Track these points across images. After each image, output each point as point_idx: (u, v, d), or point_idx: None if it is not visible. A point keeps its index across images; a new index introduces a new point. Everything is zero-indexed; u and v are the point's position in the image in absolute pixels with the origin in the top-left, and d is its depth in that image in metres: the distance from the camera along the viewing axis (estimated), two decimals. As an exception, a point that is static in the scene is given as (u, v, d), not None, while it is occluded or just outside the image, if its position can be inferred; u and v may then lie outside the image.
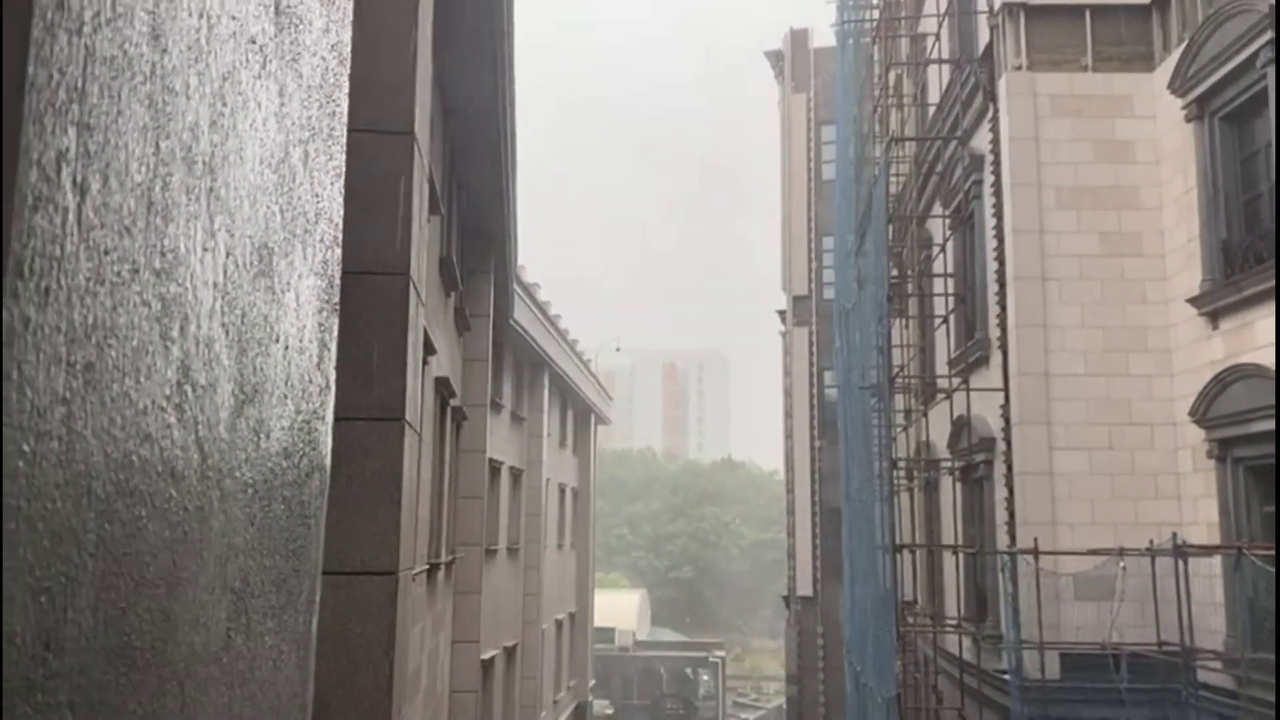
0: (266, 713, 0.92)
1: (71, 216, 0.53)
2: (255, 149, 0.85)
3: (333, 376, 1.23)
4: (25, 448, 0.48)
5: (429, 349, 8.76)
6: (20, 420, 0.48)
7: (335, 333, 1.22)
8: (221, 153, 0.76)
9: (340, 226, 1.21)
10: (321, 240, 1.11)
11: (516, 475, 21.50)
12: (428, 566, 10.14)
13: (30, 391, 0.49)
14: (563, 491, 27.90)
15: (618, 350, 45.59)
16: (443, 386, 10.97)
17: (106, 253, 0.57)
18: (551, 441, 25.29)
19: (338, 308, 1.21)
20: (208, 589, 0.77)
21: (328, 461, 1.19)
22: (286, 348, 0.97)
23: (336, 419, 5.47)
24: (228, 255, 0.80)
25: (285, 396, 0.98)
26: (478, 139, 11.52)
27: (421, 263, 6.25)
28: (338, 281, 1.21)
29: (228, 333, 0.81)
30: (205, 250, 0.74)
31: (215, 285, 0.78)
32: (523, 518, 22.05)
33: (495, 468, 18.30)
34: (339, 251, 1.22)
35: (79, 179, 0.53)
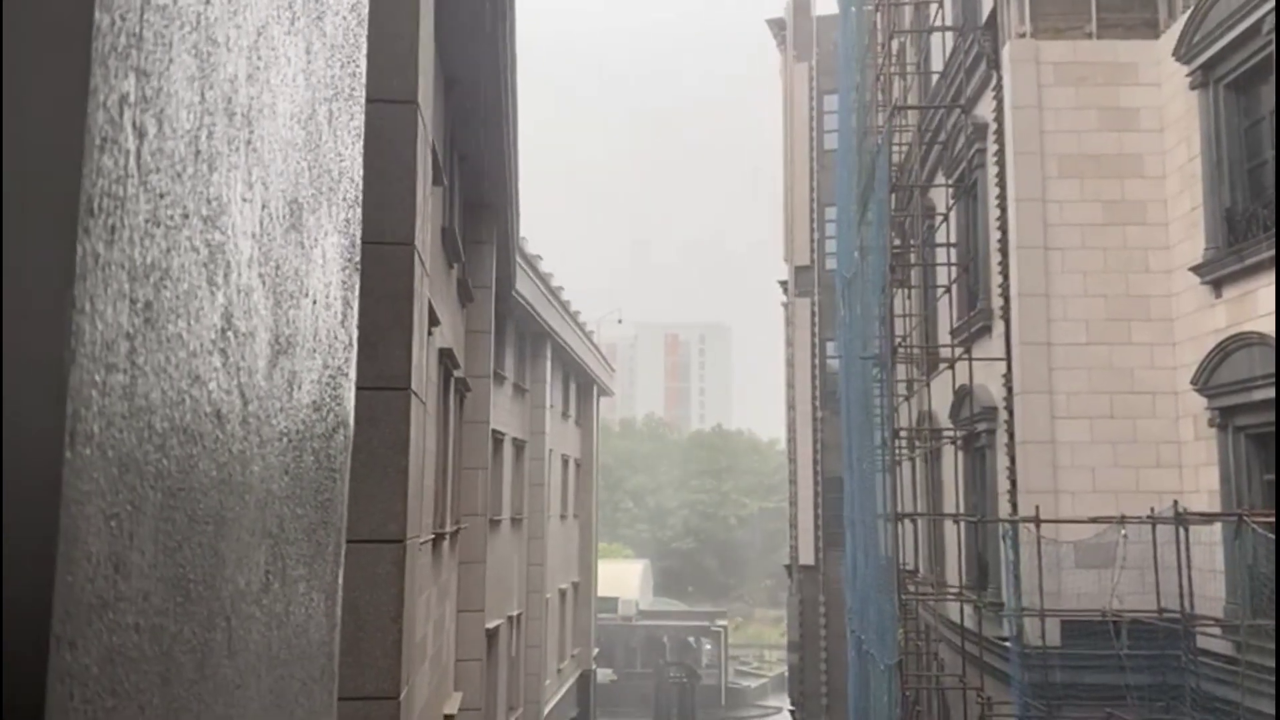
0: (299, 656, 0.95)
1: (132, 159, 0.55)
2: (286, 104, 0.86)
3: (355, 335, 1.25)
4: (97, 377, 0.50)
5: (433, 320, 8.77)
6: (92, 351, 0.50)
7: (357, 291, 1.24)
8: (258, 105, 0.78)
9: (360, 187, 1.23)
10: (344, 199, 1.13)
11: (519, 446, 21.59)
12: (433, 536, 10.21)
13: (100, 324, 0.51)
14: (565, 462, 28.02)
15: (619, 322, 45.62)
16: (446, 358, 10.99)
17: (162, 196, 0.60)
18: (554, 413, 25.37)
19: (359, 267, 1.23)
20: (250, 531, 0.80)
21: (351, 419, 1.21)
22: (315, 303, 0.99)
23: (343, 389, 5.50)
24: (263, 207, 0.82)
25: (314, 351, 1.00)
26: (479, 110, 11.48)
27: (425, 233, 6.26)
28: (359, 241, 1.23)
29: (264, 283, 0.83)
30: (244, 200, 0.76)
31: (253, 235, 0.80)
32: (526, 488, 22.16)
33: (498, 439, 18.38)
34: (359, 212, 1.23)
35: (138, 123, 0.55)
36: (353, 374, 1.22)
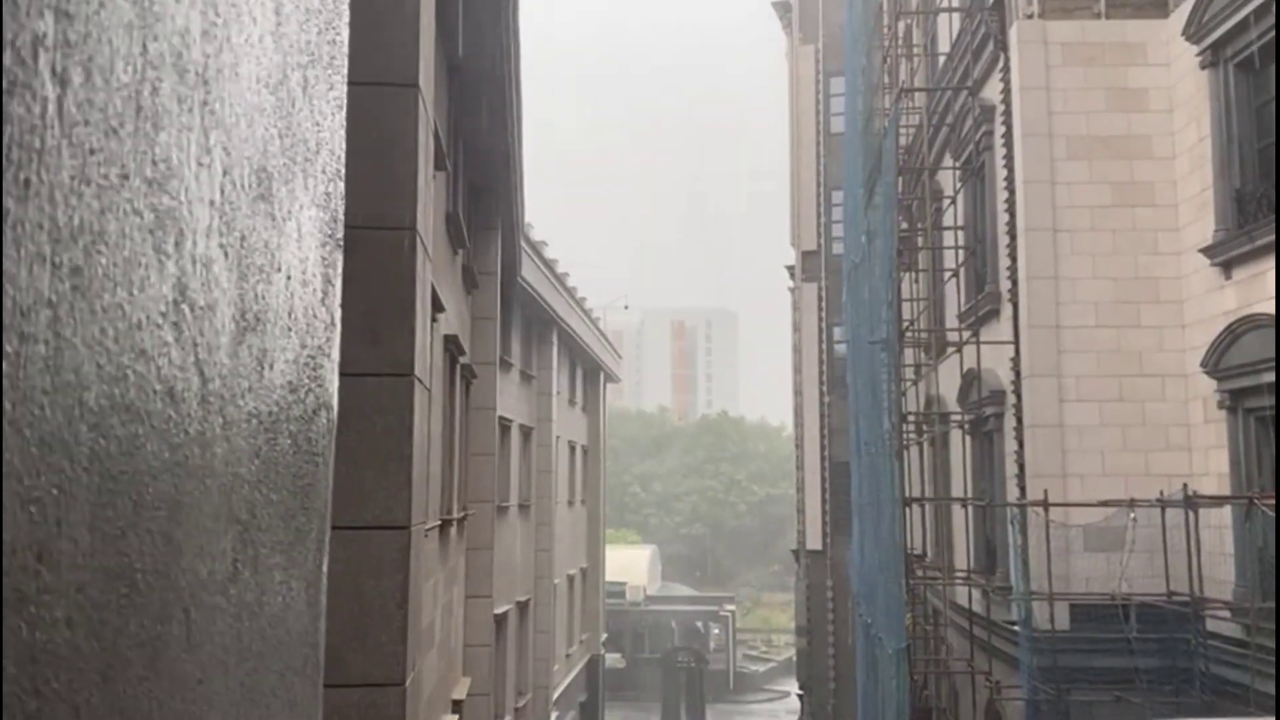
0: (276, 647, 0.92)
1: (52, 108, 0.50)
2: (251, 66, 0.82)
3: (338, 315, 1.21)
4: (9, 348, 0.46)
5: (437, 306, 8.74)
6: (5, 319, 0.46)
7: (340, 269, 1.20)
8: (215, 65, 0.74)
9: (342, 160, 1.18)
10: (324, 172, 1.09)
11: (526, 433, 21.58)
12: (440, 522, 10.20)
13: (12, 289, 0.47)
14: (573, 449, 28.02)
15: (626, 308, 45.53)
16: (452, 344, 10.96)
17: (92, 152, 0.55)
18: (561, 399, 25.35)
19: (341, 244, 1.19)
20: (212, 517, 0.76)
21: (334, 401, 1.17)
22: (289, 278, 0.94)
23: (346, 374, 5.48)
24: (225, 174, 0.78)
25: (289, 329, 0.96)
26: (482, 94, 11.42)
27: (428, 218, 6.21)
28: (341, 216, 1.19)
29: (226, 255, 0.78)
30: (200, 165, 0.72)
31: (212, 203, 0.75)
32: (533, 475, 22.17)
33: (505, 425, 18.37)
34: (341, 186, 1.19)
35: (58, 68, 0.50)
36: (335, 355, 1.18)
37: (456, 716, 11.14)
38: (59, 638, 0.51)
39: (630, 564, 50.92)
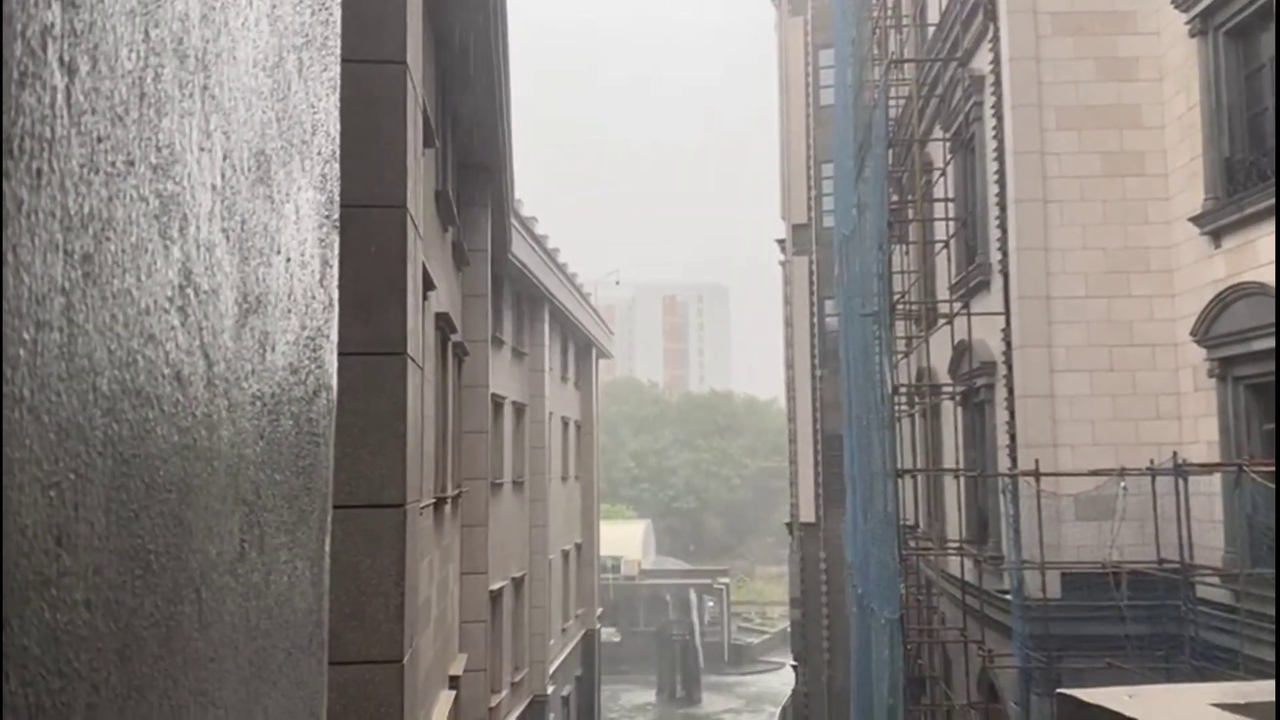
0: (283, 625, 0.93)
1: (60, 97, 0.50)
2: (248, 50, 0.82)
3: (335, 295, 1.21)
4: (25, 335, 0.47)
5: (428, 284, 8.72)
6: (19, 306, 0.46)
7: (337, 250, 1.21)
8: (214, 49, 0.73)
9: (338, 141, 1.18)
10: (319, 153, 1.09)
11: (519, 410, 21.60)
12: (434, 500, 10.23)
13: (27, 277, 0.47)
14: (565, 425, 28.05)
15: (617, 284, 45.50)
16: (443, 322, 10.95)
17: (100, 140, 0.55)
18: (553, 376, 25.36)
19: (338, 225, 1.19)
20: (220, 499, 0.76)
21: (334, 381, 1.18)
22: (289, 260, 0.95)
23: (338, 354, 5.48)
24: (225, 158, 0.78)
25: (289, 311, 0.96)
26: (470, 70, 11.35)
27: (418, 196, 6.19)
28: (337, 198, 1.19)
29: (228, 238, 0.79)
30: (202, 150, 0.72)
31: (214, 188, 0.76)
32: (527, 451, 22.20)
33: (498, 403, 18.38)
34: (337, 167, 1.19)
35: (66, 58, 0.51)
36: (334, 336, 1.19)
37: (454, 692, 11.21)
38: (79, 619, 0.52)
39: (624, 539, 51.15)
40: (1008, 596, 11.87)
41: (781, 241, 28.75)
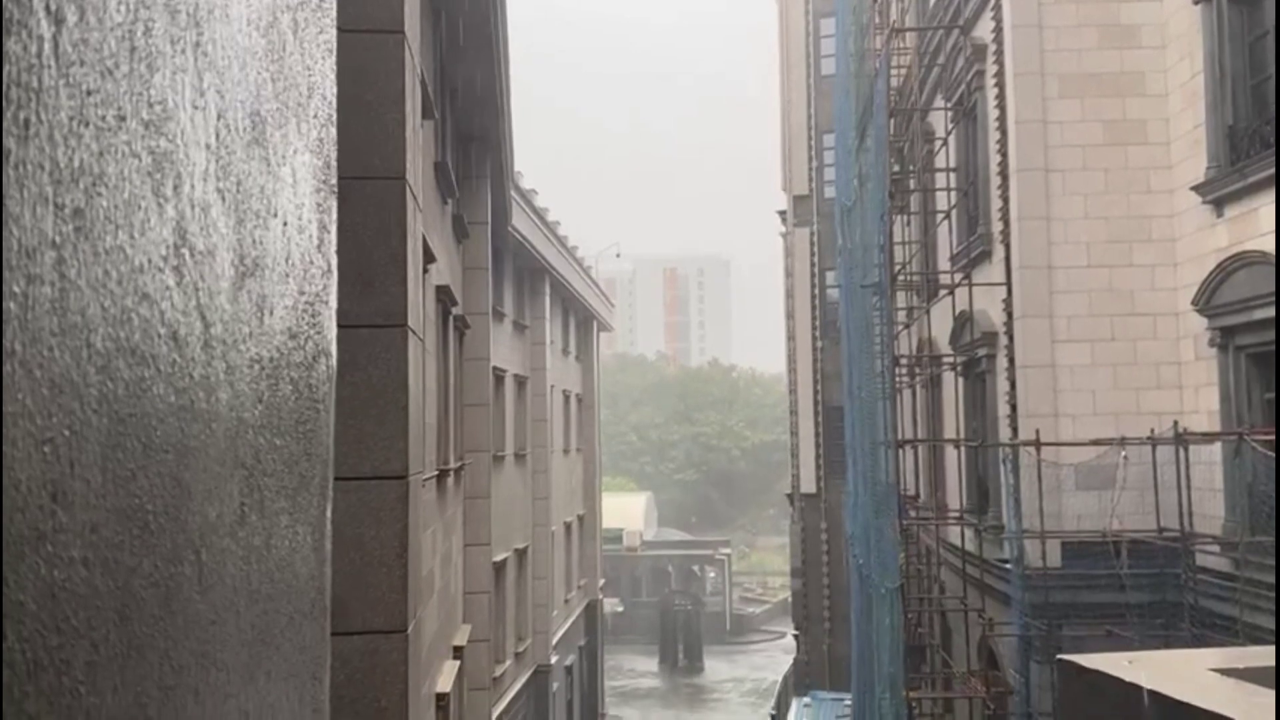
0: (285, 590, 0.93)
1: (48, 47, 0.50)
2: (241, 8, 0.81)
3: (334, 261, 1.20)
4: (16, 289, 0.46)
5: (428, 256, 8.70)
6: (9, 259, 0.45)
7: (335, 216, 1.20)
8: (206, 5, 0.72)
9: (334, 105, 1.17)
10: (316, 117, 1.08)
11: (521, 383, 21.61)
12: (437, 472, 10.26)
13: (17, 230, 0.46)
14: (567, 398, 28.08)
15: (618, 256, 45.39)
16: (444, 294, 10.94)
17: (89, 93, 0.54)
18: (554, 349, 25.36)
19: (335, 190, 1.18)
20: (219, 461, 0.76)
21: (333, 348, 1.17)
22: (285, 224, 0.94)
23: (339, 326, 5.47)
24: (219, 117, 0.77)
25: (287, 275, 0.96)
26: (469, 40, 11.27)
27: (417, 167, 6.17)
28: (334, 162, 1.18)
29: (224, 199, 0.78)
30: (195, 108, 0.71)
31: (208, 147, 0.75)
32: (529, 424, 22.24)
33: (499, 376, 18.39)
34: (333, 131, 1.18)
35: (53, 7, 0.50)
36: (333, 302, 1.18)
37: (458, 662, 11.29)
38: (76, 576, 0.52)
39: (626, 511, 51.36)
40: (1008, 565, 11.92)
41: (782, 213, 28.66)
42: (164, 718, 0.61)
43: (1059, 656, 2.82)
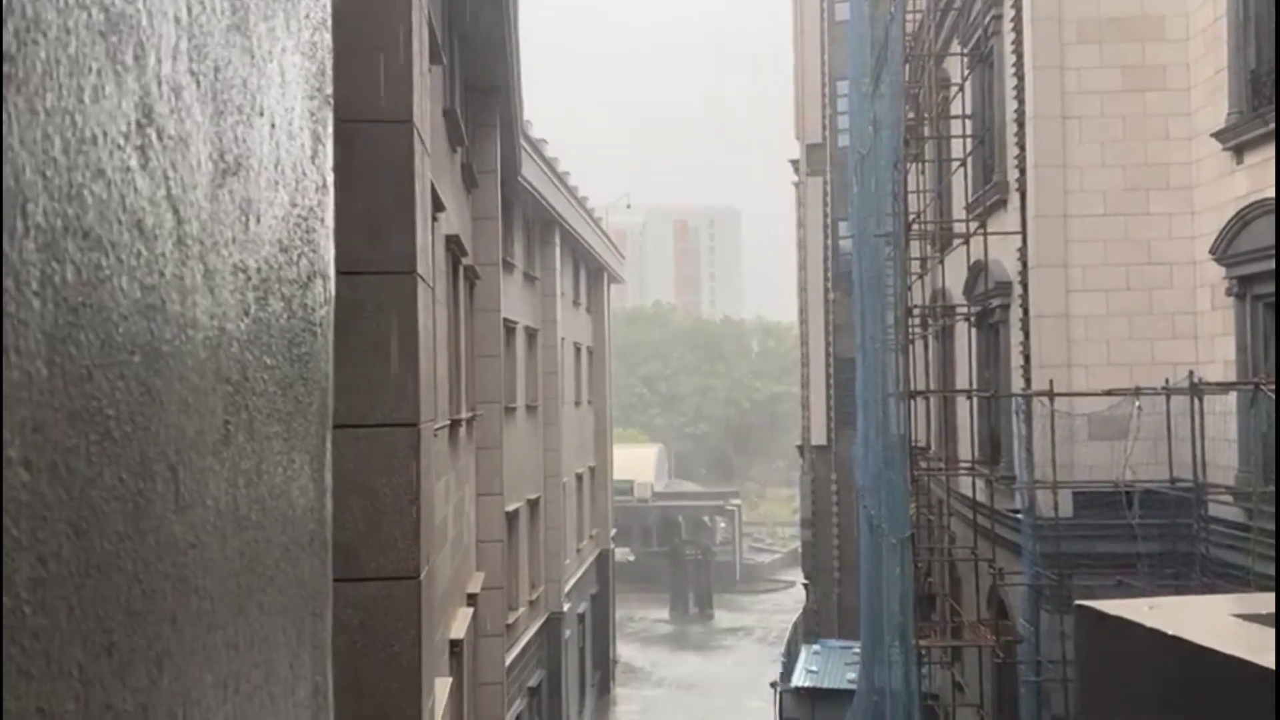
0: (278, 519, 0.88)
1: None
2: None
3: (330, 178, 1.14)
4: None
5: (437, 205, 8.61)
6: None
7: (330, 128, 1.13)
8: None
9: (328, 9, 1.10)
10: (308, 17, 1.01)
11: (531, 335, 21.58)
12: (449, 423, 10.25)
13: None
14: (578, 350, 28.06)
15: (628, 208, 45.11)
16: (454, 244, 10.85)
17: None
18: (565, 300, 25.28)
19: (330, 101, 1.12)
20: (198, 372, 0.70)
21: (331, 270, 1.11)
22: (273, 126, 0.87)
23: (347, 273, 5.41)
24: (190, -11, 0.70)
25: (276, 183, 0.89)
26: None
27: (424, 111, 6.06)
28: (329, 71, 1.11)
29: (198, 84, 0.71)
30: (157, -30, 0.64)
31: (178, 21, 0.68)
32: (540, 376, 22.23)
33: (510, 327, 18.34)
34: (329, 37, 1.11)
35: None
36: (329, 220, 1.12)
37: (472, 609, 11.38)
38: (15, 479, 0.46)
39: (637, 462, 51.58)
40: (1019, 515, 11.92)
41: (795, 162, 28.36)
42: (134, 645, 0.56)
43: (1077, 603, 2.78)
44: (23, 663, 0.42)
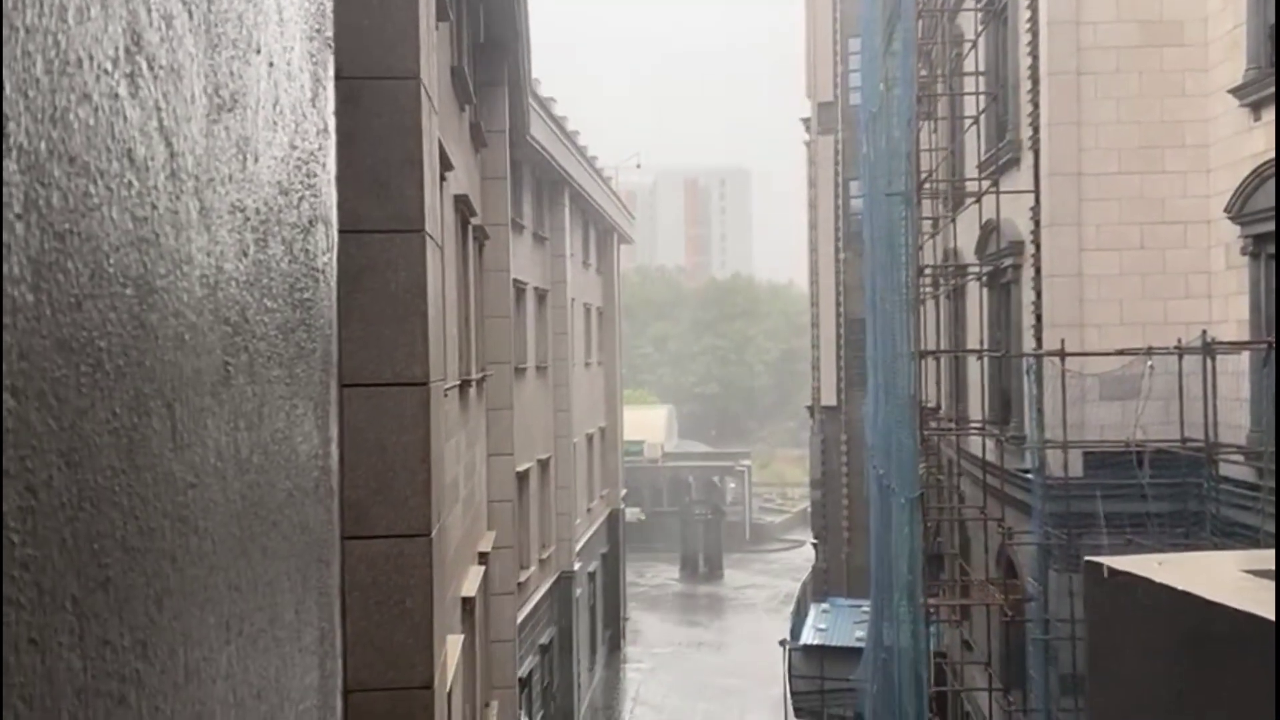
0: (281, 463, 0.87)
1: None
2: None
3: (331, 121, 1.12)
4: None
5: (446, 164, 8.56)
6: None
7: (330, 71, 1.11)
8: None
9: (328, -49, 1.08)
10: (306, -44, 0.99)
11: (541, 295, 21.54)
12: (459, 383, 10.27)
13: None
14: (588, 311, 28.02)
15: (638, 167, 44.80)
16: (462, 204, 10.81)
17: None
18: (575, 261, 25.21)
19: (331, 44, 1.09)
20: (193, 309, 0.69)
21: (334, 216, 1.10)
22: (271, 64, 0.85)
23: (356, 231, 5.39)
24: (176, -85, 0.68)
25: (275, 123, 0.87)
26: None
27: (431, 67, 6.00)
28: (330, 13, 1.09)
29: (190, 15, 0.69)
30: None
31: (166, -53, 0.66)
32: (550, 337, 22.23)
33: (520, 288, 18.32)
34: (330, -18, 1.09)
35: None
36: (331, 166, 1.10)
37: (483, 568, 11.46)
38: (3, 405, 0.45)
39: (648, 423, 51.70)
40: (1029, 475, 11.92)
41: (806, 121, 28.11)
42: (131, 581, 0.55)
43: (1086, 558, 2.78)
44: (11, 592, 0.41)
